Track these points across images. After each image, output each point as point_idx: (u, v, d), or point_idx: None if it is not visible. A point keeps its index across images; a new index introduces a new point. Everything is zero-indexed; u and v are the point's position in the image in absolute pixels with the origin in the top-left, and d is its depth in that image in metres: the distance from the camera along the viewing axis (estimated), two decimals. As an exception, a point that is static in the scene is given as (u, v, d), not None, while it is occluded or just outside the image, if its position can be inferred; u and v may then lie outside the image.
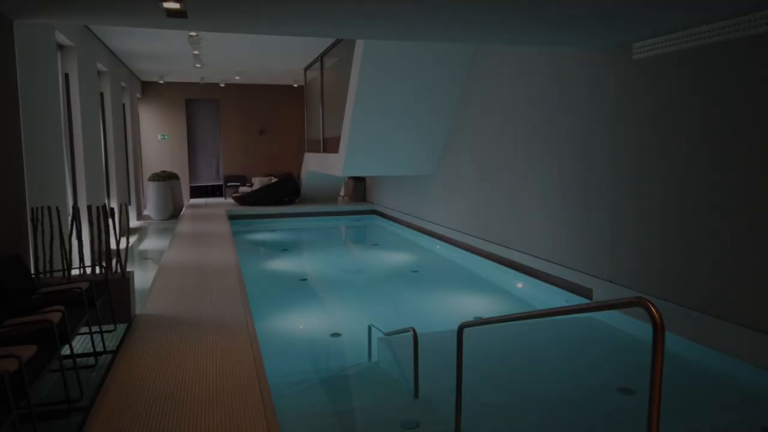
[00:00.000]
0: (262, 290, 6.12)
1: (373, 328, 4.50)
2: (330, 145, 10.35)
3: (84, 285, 3.40)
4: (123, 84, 10.76)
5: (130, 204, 11.30)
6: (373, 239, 9.96)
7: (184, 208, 12.18)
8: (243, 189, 12.55)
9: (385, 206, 11.17)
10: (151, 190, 11.27)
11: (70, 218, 4.20)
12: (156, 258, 7.72)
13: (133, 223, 11.22)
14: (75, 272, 4.34)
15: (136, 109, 12.42)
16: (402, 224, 10.13)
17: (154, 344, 3.62)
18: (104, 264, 4.19)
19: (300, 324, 5.23)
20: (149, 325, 3.99)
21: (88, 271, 4.35)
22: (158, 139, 14.00)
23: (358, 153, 8.14)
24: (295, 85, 14.40)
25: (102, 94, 8.93)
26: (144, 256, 8.11)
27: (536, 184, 5.97)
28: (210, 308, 4.41)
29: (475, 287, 6.55)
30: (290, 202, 12.04)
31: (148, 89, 13.68)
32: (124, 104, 11.14)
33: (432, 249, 8.52)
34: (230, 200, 13.39)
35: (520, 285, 6.22)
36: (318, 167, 10.45)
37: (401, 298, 6.02)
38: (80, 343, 3.73)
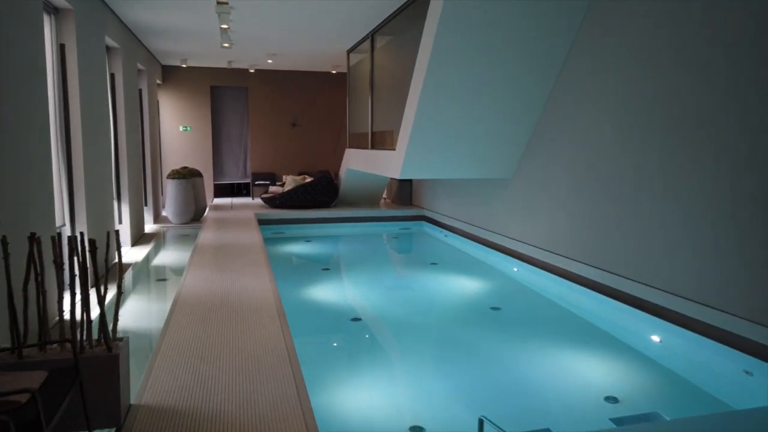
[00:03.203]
0: (308, 337, 4.59)
1: (486, 423, 2.92)
2: (379, 141, 8.77)
3: (23, 398, 1.86)
4: (140, 66, 9.31)
5: (146, 205, 9.88)
6: (429, 255, 8.36)
7: (207, 210, 10.74)
8: (273, 189, 11.06)
9: (437, 212, 9.57)
10: (170, 190, 9.83)
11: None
12: (175, 270, 6.25)
13: (150, 227, 9.80)
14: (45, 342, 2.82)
15: (156, 97, 10.99)
16: (459, 234, 8.51)
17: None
18: (81, 337, 2.64)
19: (365, 403, 3.66)
20: None
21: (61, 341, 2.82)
22: (179, 131, 12.58)
23: (422, 151, 6.54)
24: (334, 72, 12.85)
25: (113, 76, 7.47)
26: (160, 275, 6.63)
27: (686, 196, 4.30)
28: (250, 398, 2.87)
29: (590, 338, 4.89)
30: (326, 205, 10.52)
31: (170, 74, 12.26)
32: (140, 90, 9.70)
33: (507, 272, 6.89)
34: (258, 201, 11.93)
35: (655, 338, 4.57)
36: (364, 166, 8.88)
37: (492, 356, 4.42)
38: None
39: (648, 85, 4.67)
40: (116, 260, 4.96)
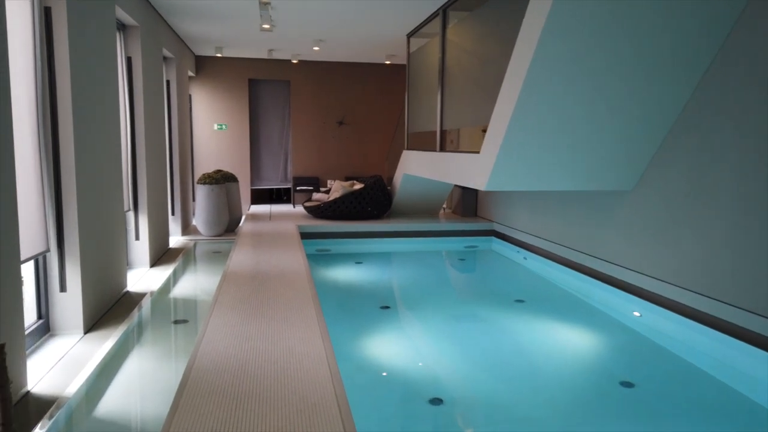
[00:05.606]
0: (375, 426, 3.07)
1: None
2: (447, 141, 7.21)
3: None
4: (167, 53, 8.00)
5: (173, 215, 8.58)
6: (509, 286, 6.70)
7: (242, 220, 9.39)
8: (318, 196, 9.61)
9: (511, 226, 7.93)
10: (200, 197, 8.51)
11: None
12: (200, 304, 4.83)
13: (177, 240, 8.49)
14: None
15: (187, 90, 9.70)
16: (543, 256, 6.87)
17: None
18: None
19: None
20: None
21: None
22: (214, 130, 11.27)
23: (519, 156, 4.95)
24: (388, 63, 11.34)
25: (129, 60, 6.13)
26: (179, 314, 5.23)
27: None
28: None
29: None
30: (377, 216, 9.00)
31: (203, 65, 10.98)
32: (168, 81, 8.40)
33: (625, 317, 5.22)
34: (300, 209, 10.52)
35: None
36: (430, 172, 7.32)
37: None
38: None
39: None
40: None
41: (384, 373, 4.03)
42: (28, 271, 4.01)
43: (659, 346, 4.65)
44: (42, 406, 3.12)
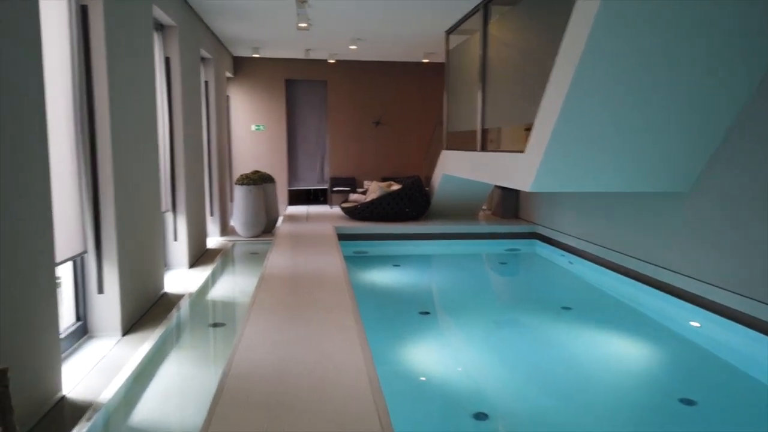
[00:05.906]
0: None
1: None
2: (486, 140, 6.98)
3: None
4: (205, 54, 8.00)
5: (212, 215, 8.59)
6: (555, 292, 6.41)
7: (280, 221, 9.34)
8: (355, 196, 9.48)
9: (555, 229, 7.62)
10: (238, 197, 8.49)
11: None
12: (238, 307, 4.75)
13: (215, 240, 8.50)
14: None
15: (225, 91, 9.72)
16: (590, 260, 6.54)
17: None
18: None
19: None
20: None
21: None
22: (251, 130, 11.29)
23: (567, 155, 4.69)
24: (426, 61, 11.14)
25: (168, 60, 6.12)
26: (217, 316, 5.17)
27: None
28: None
29: None
30: (415, 218, 8.80)
31: (241, 66, 11.01)
32: (207, 82, 8.41)
33: (682, 327, 4.90)
34: (336, 210, 10.42)
35: None
36: (471, 172, 7.10)
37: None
38: None
39: None
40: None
41: (423, 378, 3.85)
42: (66, 272, 3.99)
43: (720, 358, 4.33)
44: (77, 411, 3.06)
